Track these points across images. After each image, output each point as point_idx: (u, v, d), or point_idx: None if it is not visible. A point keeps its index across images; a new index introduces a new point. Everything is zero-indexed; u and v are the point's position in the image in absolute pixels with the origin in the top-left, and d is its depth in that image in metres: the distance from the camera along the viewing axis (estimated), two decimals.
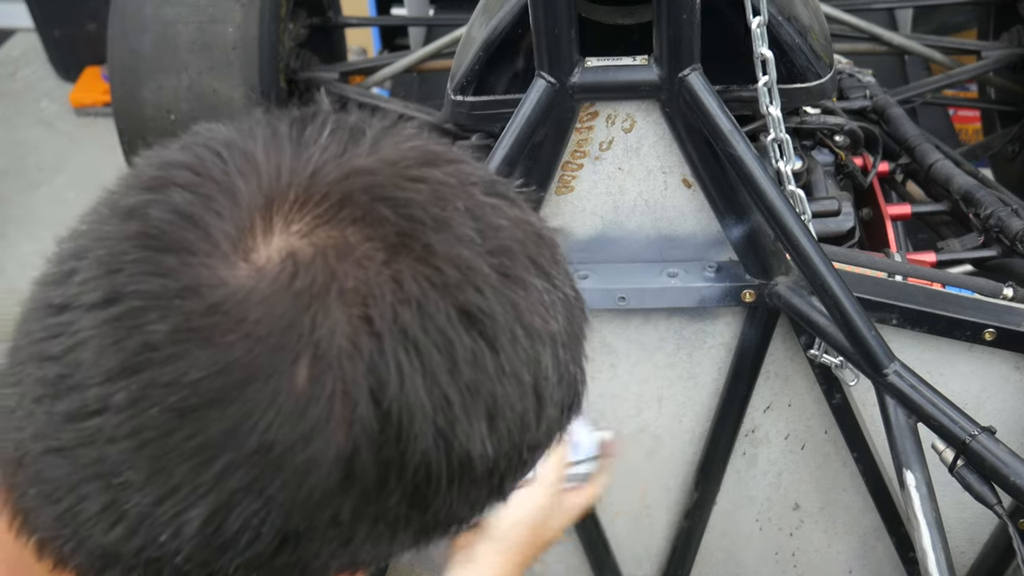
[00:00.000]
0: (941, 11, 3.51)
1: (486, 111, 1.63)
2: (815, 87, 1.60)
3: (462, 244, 0.54)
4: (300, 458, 0.50)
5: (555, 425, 0.60)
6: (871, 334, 1.33)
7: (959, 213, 1.93)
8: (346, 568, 0.57)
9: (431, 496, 0.54)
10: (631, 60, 1.30)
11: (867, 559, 1.80)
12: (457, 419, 0.52)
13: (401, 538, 0.56)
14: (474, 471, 0.55)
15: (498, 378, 0.54)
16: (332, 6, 3.21)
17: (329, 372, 0.49)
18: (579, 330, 0.62)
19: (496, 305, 0.54)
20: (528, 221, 0.60)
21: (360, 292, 0.50)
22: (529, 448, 0.58)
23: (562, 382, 0.59)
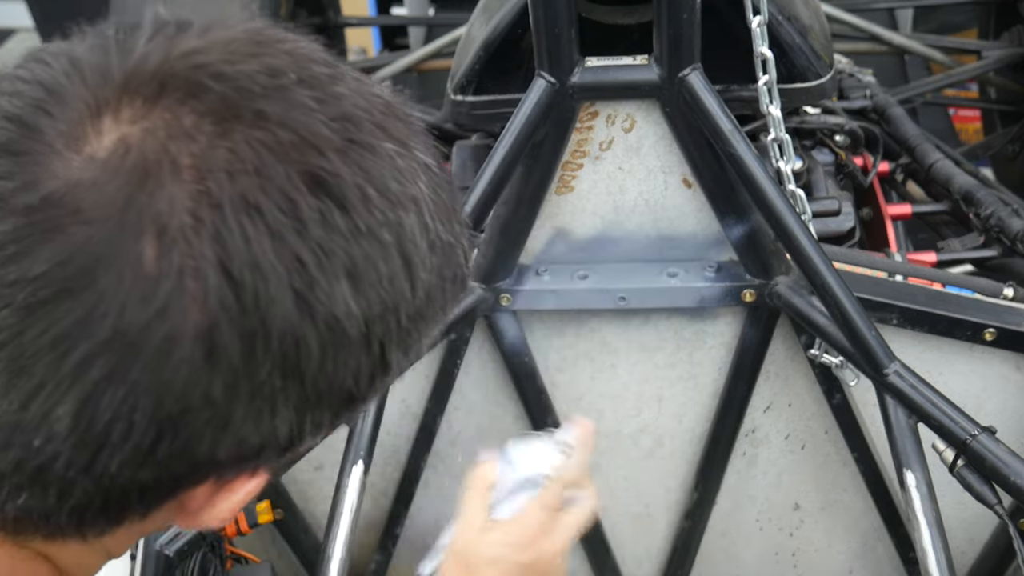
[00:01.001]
0: (941, 11, 3.51)
1: (486, 111, 1.63)
2: (815, 87, 1.60)
3: (297, 109, 0.53)
4: (157, 337, 0.49)
5: (437, 294, 0.59)
6: (871, 334, 1.33)
7: (959, 213, 1.93)
8: (236, 454, 0.55)
9: (304, 364, 0.53)
10: (631, 60, 1.30)
11: (867, 559, 1.80)
12: (315, 280, 0.52)
13: (283, 413, 0.54)
14: (346, 335, 0.54)
15: (353, 237, 0.53)
16: (332, 6, 3.21)
17: (174, 248, 0.49)
18: (448, 200, 0.61)
19: (341, 166, 0.53)
20: (375, 93, 0.59)
21: (195, 165, 0.50)
22: (410, 317, 0.57)
23: (435, 249, 0.58)
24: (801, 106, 1.84)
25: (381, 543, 1.81)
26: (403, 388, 1.63)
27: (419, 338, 0.60)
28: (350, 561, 1.38)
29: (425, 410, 1.65)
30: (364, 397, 0.59)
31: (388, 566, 1.84)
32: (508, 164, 1.32)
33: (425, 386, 1.63)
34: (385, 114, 0.58)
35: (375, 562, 1.82)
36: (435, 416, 1.66)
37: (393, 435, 1.69)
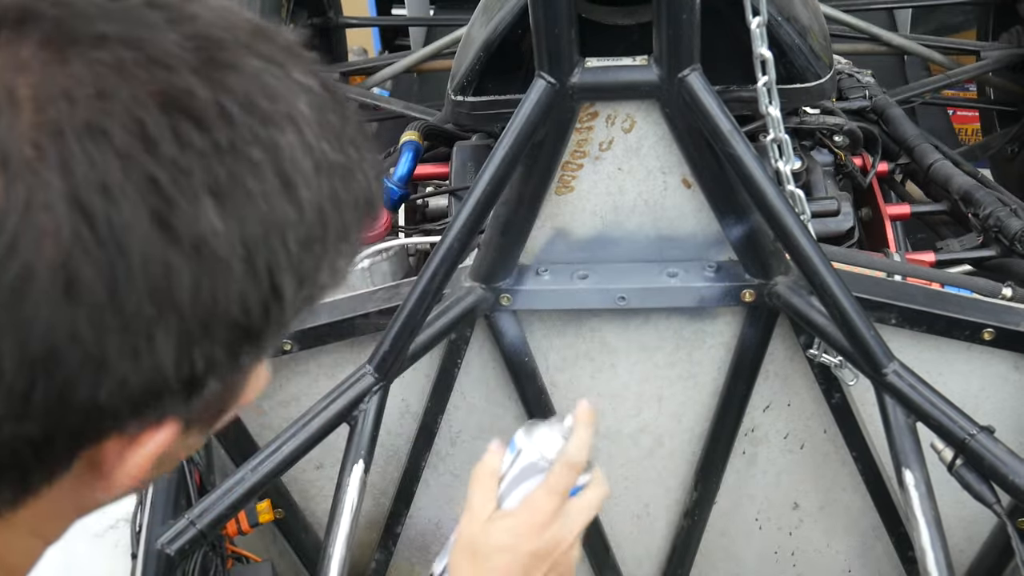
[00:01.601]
0: (940, 11, 3.51)
1: (486, 111, 1.63)
2: (814, 87, 1.61)
3: (142, 28, 0.51)
4: (10, 275, 0.47)
5: (332, 218, 0.56)
6: (870, 334, 1.34)
7: (958, 213, 1.94)
8: (125, 399, 0.52)
9: (177, 292, 0.50)
10: (631, 60, 1.30)
11: (866, 558, 1.80)
12: (172, 199, 0.49)
13: (164, 348, 0.51)
14: (219, 259, 0.51)
15: (214, 154, 0.50)
16: (332, 6, 3.21)
17: (18, 181, 0.47)
18: (339, 123, 0.57)
19: (196, 83, 0.51)
20: (242, 16, 0.56)
21: (33, 96, 0.48)
22: (300, 242, 0.54)
23: (322, 170, 0.55)
24: (800, 107, 1.85)
25: (382, 542, 1.81)
26: (403, 388, 1.64)
27: (316, 266, 0.56)
28: (350, 560, 1.38)
29: (425, 410, 1.66)
30: (261, 330, 0.55)
31: (389, 565, 1.84)
32: (508, 164, 1.32)
33: (425, 386, 1.64)
34: (253, 35, 0.55)
35: (376, 561, 1.83)
36: (435, 416, 1.66)
37: (393, 435, 1.70)
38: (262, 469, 1.40)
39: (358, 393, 1.43)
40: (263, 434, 1.69)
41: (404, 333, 1.41)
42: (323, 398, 1.44)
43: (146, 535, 1.36)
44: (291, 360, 1.62)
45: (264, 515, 1.52)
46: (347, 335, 1.58)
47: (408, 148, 1.99)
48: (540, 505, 1.01)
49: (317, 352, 1.61)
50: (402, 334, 1.41)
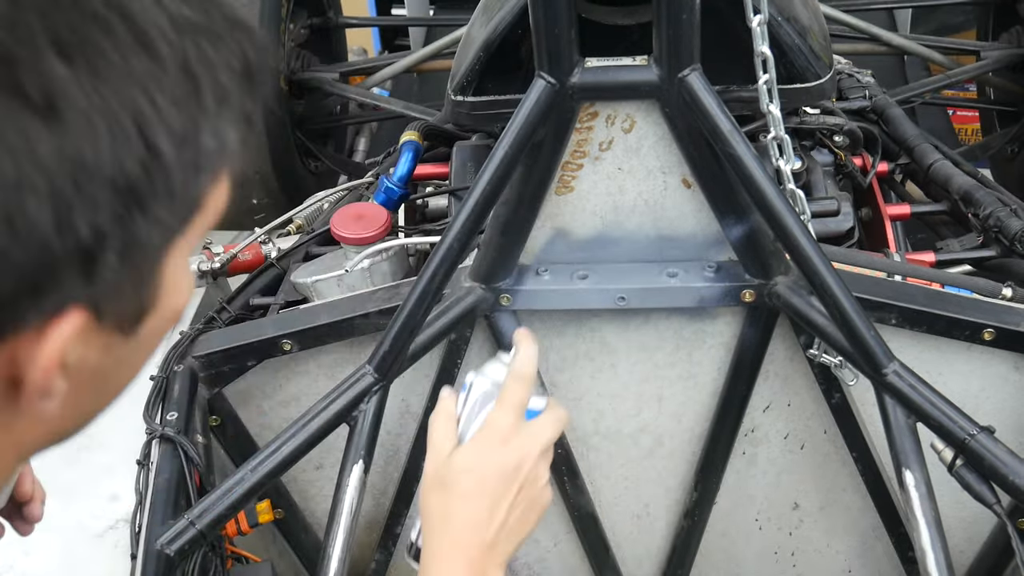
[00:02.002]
0: (940, 12, 3.51)
1: (486, 111, 1.63)
2: (814, 87, 1.61)
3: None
4: None
5: (202, 79, 0.55)
6: (870, 334, 1.34)
7: (958, 213, 1.94)
8: (12, 280, 0.51)
9: (37, 149, 0.49)
10: (631, 60, 1.30)
11: (866, 558, 1.80)
12: (13, 56, 0.49)
13: (36, 212, 0.49)
14: (78, 113, 0.50)
15: (52, 9, 0.50)
16: (332, 6, 3.21)
17: None
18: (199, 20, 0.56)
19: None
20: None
21: None
22: (169, 98, 0.53)
23: (181, 28, 0.54)
24: (800, 106, 1.85)
25: (381, 542, 1.81)
26: (403, 388, 1.64)
27: (195, 127, 0.55)
28: (350, 560, 1.38)
29: (425, 410, 1.66)
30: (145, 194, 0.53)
31: (388, 565, 1.84)
32: (508, 164, 1.32)
33: (425, 386, 1.64)
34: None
35: (375, 561, 1.83)
36: None
37: (393, 435, 1.69)
38: (262, 469, 1.40)
39: (358, 393, 1.43)
40: (263, 434, 1.69)
41: (404, 333, 1.41)
42: (323, 398, 1.44)
43: (146, 535, 1.36)
44: (291, 360, 1.62)
45: (264, 515, 1.52)
46: (347, 335, 1.57)
47: (408, 148, 1.99)
48: (496, 421, 1.01)
49: (317, 352, 1.61)
50: (402, 334, 1.41)
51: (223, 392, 1.65)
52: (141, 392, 1.58)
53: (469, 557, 0.97)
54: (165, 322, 0.62)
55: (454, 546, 0.98)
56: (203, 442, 1.53)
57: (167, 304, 0.61)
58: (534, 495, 1.01)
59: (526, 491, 1.00)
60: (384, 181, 1.94)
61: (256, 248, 1.95)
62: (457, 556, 0.97)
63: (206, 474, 1.48)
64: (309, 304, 1.70)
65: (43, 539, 1.41)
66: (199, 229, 0.61)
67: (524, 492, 1.00)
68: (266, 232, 1.98)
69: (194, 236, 0.61)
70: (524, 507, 1.00)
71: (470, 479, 0.99)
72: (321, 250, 1.90)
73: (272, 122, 2.65)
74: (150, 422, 1.51)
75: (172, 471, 1.44)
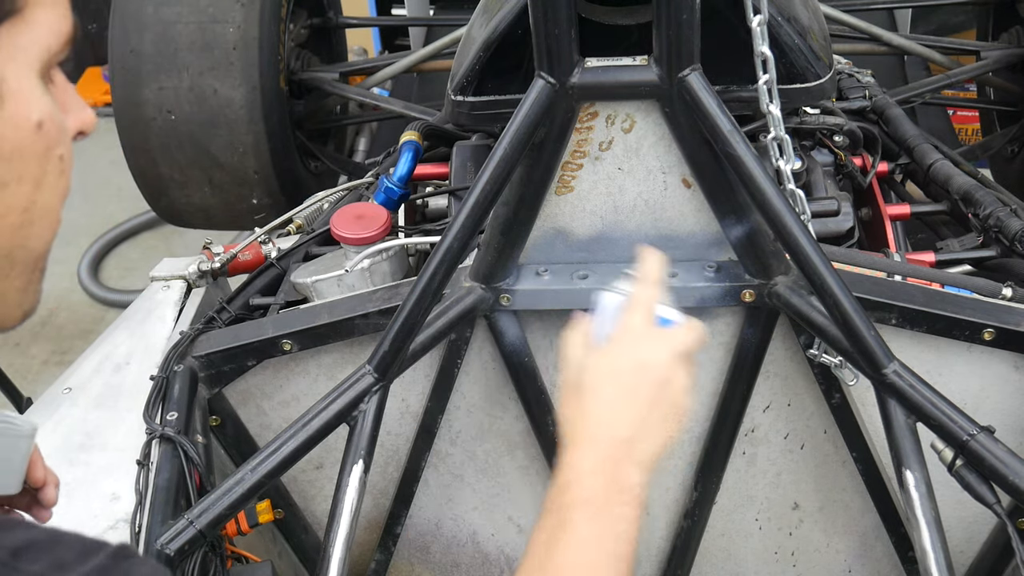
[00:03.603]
0: (940, 12, 3.52)
1: (486, 111, 1.63)
2: (815, 87, 1.61)
3: None
4: None
5: None
6: (870, 334, 1.34)
7: (958, 213, 1.94)
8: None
9: None
10: (631, 60, 1.30)
11: (866, 558, 1.80)
12: None
13: None
14: None
15: None
16: (333, 6, 3.21)
17: None
18: None
19: None
20: None
21: None
22: None
23: None
24: (800, 107, 1.85)
25: (381, 542, 1.81)
26: (403, 388, 1.64)
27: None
28: (350, 560, 1.38)
29: (425, 410, 1.66)
30: None
31: (388, 565, 1.84)
32: (508, 164, 1.32)
33: (425, 386, 1.64)
34: None
35: (375, 561, 1.83)
36: (435, 416, 1.66)
37: (393, 435, 1.69)
38: (262, 469, 1.40)
39: (358, 393, 1.43)
40: (263, 434, 1.69)
41: (404, 333, 1.41)
42: (323, 398, 1.44)
43: (145, 535, 1.36)
44: (291, 360, 1.62)
45: (264, 515, 1.52)
46: (347, 335, 1.57)
47: (408, 148, 1.99)
48: (628, 321, 1.01)
49: (317, 352, 1.61)
50: (402, 334, 1.41)
51: (223, 392, 1.65)
52: (141, 392, 1.58)
53: (603, 451, 0.97)
54: (24, 133, 0.66)
55: (589, 440, 0.98)
56: (203, 442, 1.53)
57: (15, 110, 0.65)
58: (673, 396, 1.01)
59: (664, 390, 1.00)
60: (384, 181, 1.94)
61: (256, 248, 1.95)
62: (590, 449, 0.97)
63: (206, 474, 1.48)
64: (309, 304, 1.70)
65: None
66: (29, 39, 0.65)
67: (662, 391, 1.00)
68: (266, 232, 1.98)
69: (28, 47, 0.65)
70: (663, 407, 1.00)
71: (604, 377, 1.00)
72: (321, 250, 1.90)
73: (272, 122, 2.65)
74: (150, 422, 1.51)
75: (172, 471, 1.44)
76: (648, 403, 0.99)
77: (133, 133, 2.66)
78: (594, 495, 0.95)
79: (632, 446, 0.98)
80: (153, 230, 4.04)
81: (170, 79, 2.59)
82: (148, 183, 2.77)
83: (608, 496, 0.95)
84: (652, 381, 1.00)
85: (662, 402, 1.00)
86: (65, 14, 0.68)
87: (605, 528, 0.94)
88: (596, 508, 0.94)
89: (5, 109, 0.64)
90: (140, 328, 1.76)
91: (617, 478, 0.96)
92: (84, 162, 4.30)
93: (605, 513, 0.94)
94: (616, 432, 0.98)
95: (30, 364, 3.56)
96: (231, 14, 2.60)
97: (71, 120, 0.74)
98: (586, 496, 0.95)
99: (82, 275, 3.86)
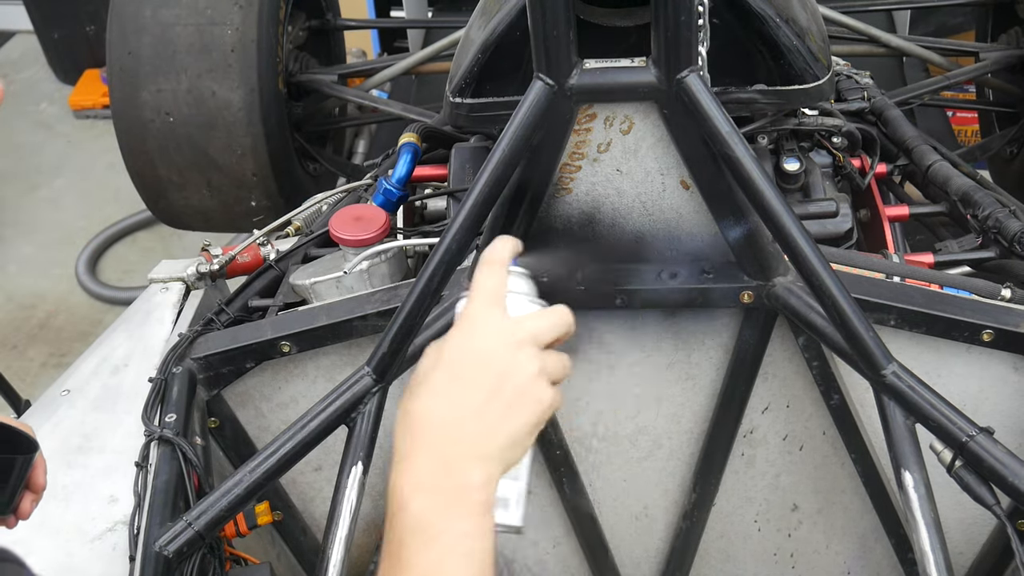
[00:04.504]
0: (939, 13, 3.52)
1: (485, 113, 1.63)
2: (813, 89, 1.60)
3: None
4: None
5: None
6: (869, 335, 1.34)
7: (957, 214, 1.94)
8: None
9: None
10: (629, 62, 1.30)
11: (866, 560, 1.80)
12: None
13: None
14: None
15: None
16: (331, 8, 3.21)
17: None
18: None
19: None
20: None
21: None
22: None
23: None
24: (799, 108, 1.85)
25: (380, 544, 1.81)
26: (402, 390, 1.63)
27: None
28: (349, 562, 1.38)
29: None
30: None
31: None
32: (507, 166, 1.32)
33: None
34: None
35: (374, 563, 1.82)
36: None
37: (393, 436, 1.69)
38: (260, 471, 1.39)
39: (357, 395, 1.43)
40: (261, 436, 1.69)
41: (403, 335, 1.41)
42: (321, 400, 1.44)
43: (144, 537, 1.36)
44: (289, 362, 1.62)
45: (263, 517, 1.51)
46: (345, 337, 1.57)
47: (406, 150, 1.99)
48: (467, 309, 0.95)
49: (315, 354, 1.61)
50: (401, 336, 1.41)
51: (222, 394, 1.65)
52: (140, 394, 1.58)
53: (431, 456, 0.87)
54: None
55: (413, 448, 0.88)
56: (202, 444, 1.53)
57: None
58: (520, 384, 0.91)
59: (507, 380, 0.90)
60: (383, 183, 1.94)
61: (255, 250, 1.95)
62: (416, 459, 0.87)
63: (204, 476, 1.48)
64: (308, 306, 1.70)
65: (41, 541, 1.41)
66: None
67: (504, 380, 0.90)
68: (265, 234, 1.98)
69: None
70: (508, 398, 0.90)
71: (431, 370, 0.91)
72: (320, 252, 1.90)
73: (271, 124, 2.65)
74: (148, 424, 1.51)
75: (170, 473, 1.44)
76: (486, 392, 0.89)
77: (131, 135, 2.66)
78: (423, 518, 0.85)
79: (468, 441, 0.87)
80: (151, 232, 4.04)
81: (168, 81, 2.59)
82: (146, 185, 2.77)
83: (441, 514, 0.85)
84: (489, 369, 0.90)
85: (503, 391, 0.89)
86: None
87: (444, 554, 0.83)
88: (428, 534, 0.84)
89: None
90: (138, 330, 1.76)
91: (451, 486, 0.86)
92: (82, 165, 4.32)
93: (442, 536, 0.84)
94: (447, 429, 0.88)
95: (28, 366, 3.56)
96: (229, 16, 2.60)
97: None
98: (414, 522, 0.85)
99: (80, 273, 3.86)
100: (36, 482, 1.01)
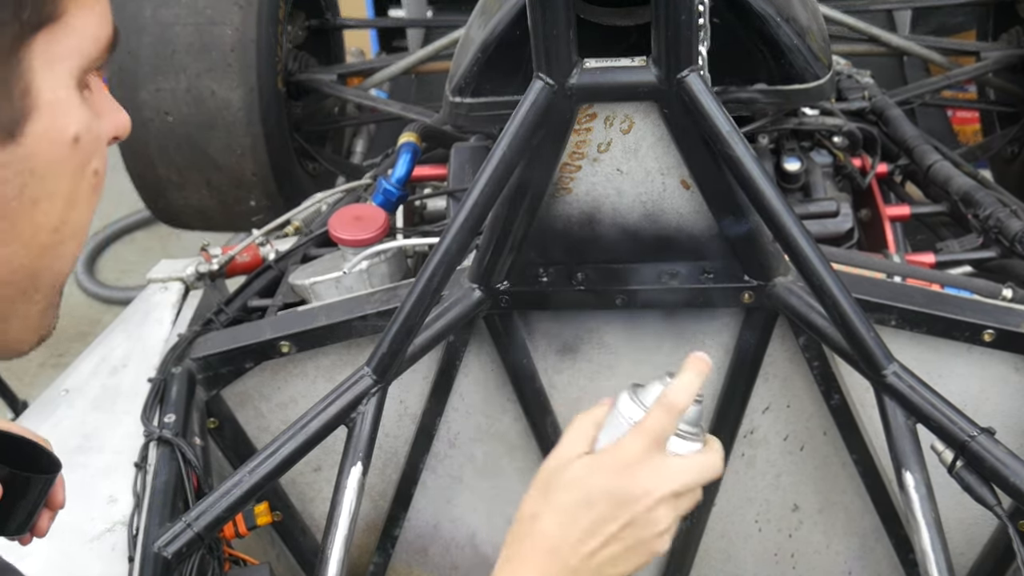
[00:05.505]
0: (940, 12, 3.51)
1: (484, 112, 1.63)
2: (814, 88, 1.60)
3: None
4: None
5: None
6: (870, 335, 1.33)
7: (958, 214, 1.93)
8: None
9: None
10: (629, 61, 1.30)
11: (866, 560, 1.80)
12: None
13: None
14: None
15: None
16: (330, 8, 3.21)
17: None
18: None
19: None
20: None
21: None
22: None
23: None
24: (799, 107, 1.84)
25: (380, 545, 1.81)
26: (402, 390, 1.63)
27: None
28: (348, 563, 1.37)
29: (424, 411, 1.65)
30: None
31: (387, 568, 1.84)
32: (507, 165, 1.32)
33: (424, 387, 1.63)
34: None
35: (374, 564, 1.82)
36: (434, 417, 1.66)
37: (392, 436, 1.69)
38: (260, 471, 1.39)
39: (356, 395, 1.43)
40: (261, 436, 1.69)
41: (402, 335, 1.40)
42: (321, 400, 1.44)
43: (143, 538, 1.36)
44: (289, 362, 1.62)
45: (262, 517, 1.51)
46: (345, 337, 1.57)
47: (406, 149, 1.98)
48: (626, 445, 0.93)
49: (315, 354, 1.61)
50: (400, 336, 1.40)
51: (221, 394, 1.64)
52: (139, 394, 1.57)
53: (543, 572, 0.90)
54: (59, 147, 0.62)
55: (531, 554, 0.91)
56: (201, 444, 1.53)
57: (51, 123, 0.61)
58: (644, 537, 0.93)
59: (635, 530, 0.92)
60: (382, 182, 1.94)
61: (254, 250, 1.95)
62: (530, 567, 0.90)
63: (204, 476, 1.47)
64: (307, 306, 1.70)
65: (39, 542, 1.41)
66: (68, 47, 0.62)
67: (632, 530, 0.92)
68: (264, 234, 1.98)
69: (66, 55, 0.61)
70: (627, 545, 0.92)
71: (574, 494, 0.92)
72: (319, 252, 1.90)
73: (270, 124, 2.65)
74: (148, 424, 1.51)
75: (170, 473, 1.44)
76: (610, 536, 0.91)
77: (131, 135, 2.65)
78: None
79: (572, 570, 0.90)
80: (150, 232, 4.04)
81: (168, 81, 2.59)
82: (146, 185, 2.77)
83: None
84: (625, 516, 0.92)
85: (629, 539, 0.92)
86: (106, 18, 0.64)
87: None
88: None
89: (39, 123, 0.60)
90: (138, 330, 1.76)
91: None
92: None
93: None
94: (562, 557, 0.90)
95: (27, 366, 3.56)
96: (229, 16, 2.60)
97: (106, 125, 0.69)
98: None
99: (79, 273, 3.86)
100: (55, 499, 1.00)
